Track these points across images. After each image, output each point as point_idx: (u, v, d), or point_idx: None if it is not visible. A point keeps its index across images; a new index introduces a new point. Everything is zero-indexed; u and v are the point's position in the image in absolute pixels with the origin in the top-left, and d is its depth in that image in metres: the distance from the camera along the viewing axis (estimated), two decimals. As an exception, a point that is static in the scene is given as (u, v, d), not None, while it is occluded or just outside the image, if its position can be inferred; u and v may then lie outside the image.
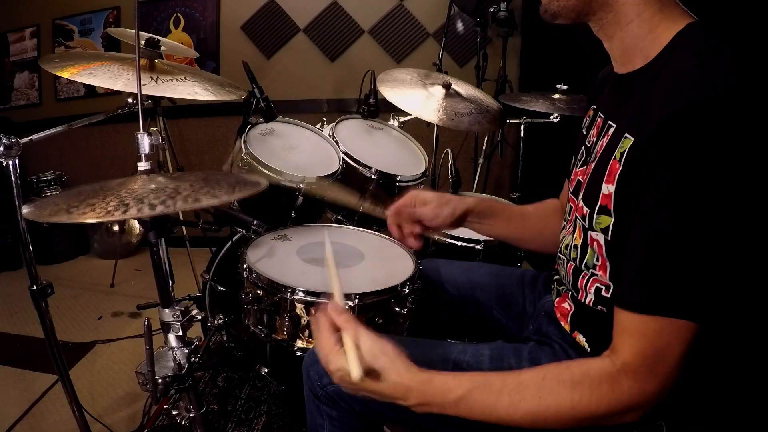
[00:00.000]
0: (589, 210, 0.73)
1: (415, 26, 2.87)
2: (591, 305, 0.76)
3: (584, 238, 0.75)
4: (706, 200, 0.56)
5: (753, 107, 0.57)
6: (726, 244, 0.57)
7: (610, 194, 0.68)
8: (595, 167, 0.74)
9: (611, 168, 0.68)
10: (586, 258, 0.75)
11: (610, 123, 0.74)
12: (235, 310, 1.54)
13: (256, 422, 1.57)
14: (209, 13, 2.96)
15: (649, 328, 0.59)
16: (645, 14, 0.67)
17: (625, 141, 0.66)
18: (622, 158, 0.66)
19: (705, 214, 0.56)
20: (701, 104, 0.56)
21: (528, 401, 0.63)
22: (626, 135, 0.67)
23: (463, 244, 1.52)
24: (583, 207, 0.74)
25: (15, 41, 3.19)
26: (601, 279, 0.73)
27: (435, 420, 0.81)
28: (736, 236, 0.58)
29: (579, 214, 0.76)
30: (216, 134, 3.14)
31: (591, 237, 0.73)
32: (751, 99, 0.57)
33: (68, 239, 3.09)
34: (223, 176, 0.82)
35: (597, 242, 0.72)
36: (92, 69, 1.15)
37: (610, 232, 0.69)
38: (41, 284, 1.12)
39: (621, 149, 0.67)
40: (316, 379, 0.87)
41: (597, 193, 0.70)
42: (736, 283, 0.65)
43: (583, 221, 0.74)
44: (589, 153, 0.81)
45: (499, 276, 1.10)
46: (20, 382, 1.82)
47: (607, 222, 0.69)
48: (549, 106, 1.79)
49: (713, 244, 0.57)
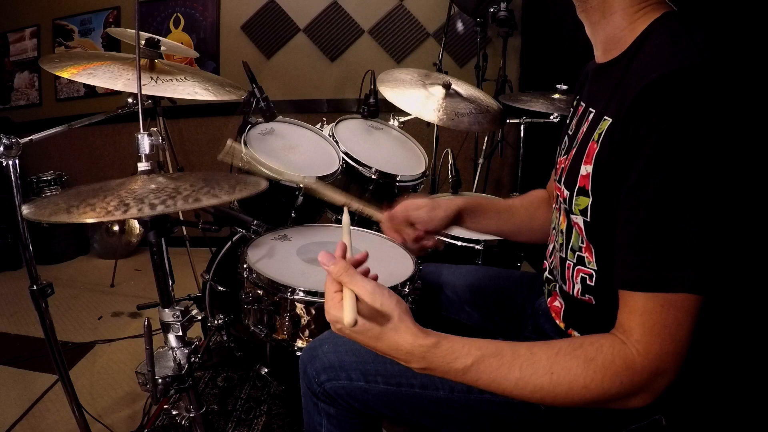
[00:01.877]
0: (569, 193, 0.73)
1: (415, 26, 2.87)
2: (579, 296, 0.76)
3: (568, 222, 0.76)
4: (692, 164, 0.56)
5: (727, 75, 0.57)
6: (718, 211, 0.57)
7: (588, 174, 0.68)
8: (576, 152, 0.75)
9: (589, 149, 0.69)
10: (572, 241, 0.76)
11: (590, 109, 0.75)
12: (235, 310, 1.54)
13: (256, 422, 1.57)
14: (209, 13, 2.96)
15: (657, 304, 0.58)
16: (629, 9, 0.68)
17: (603, 122, 0.67)
18: (600, 138, 0.66)
19: (692, 179, 0.56)
20: (677, 73, 0.56)
21: (539, 376, 0.61)
22: (604, 117, 0.67)
23: (463, 244, 1.52)
24: (564, 191, 0.75)
25: (15, 41, 3.19)
26: (587, 265, 0.73)
27: (434, 418, 0.82)
28: (725, 201, 0.57)
29: (561, 198, 0.77)
30: (216, 134, 3.14)
31: (573, 220, 0.74)
32: (725, 67, 0.57)
33: (68, 239, 3.09)
34: (223, 176, 0.82)
35: (578, 225, 0.72)
36: (92, 69, 1.15)
37: (588, 213, 0.69)
38: (41, 284, 1.12)
39: (599, 131, 0.67)
40: (313, 376, 0.86)
41: (576, 175, 0.71)
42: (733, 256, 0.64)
43: (565, 204, 0.75)
44: (571, 141, 0.82)
45: (498, 278, 1.10)
46: (20, 382, 1.82)
47: (585, 203, 0.69)
48: (549, 106, 1.80)
49: (705, 211, 0.56)
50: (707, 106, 0.56)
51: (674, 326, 0.58)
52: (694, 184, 0.56)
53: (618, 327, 0.62)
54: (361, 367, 0.83)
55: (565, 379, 0.60)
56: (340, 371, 0.84)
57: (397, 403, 0.82)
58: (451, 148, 1.98)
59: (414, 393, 0.80)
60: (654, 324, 0.58)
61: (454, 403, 0.78)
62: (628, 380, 0.59)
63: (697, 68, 0.57)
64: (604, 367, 0.59)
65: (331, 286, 0.64)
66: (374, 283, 0.62)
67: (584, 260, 0.73)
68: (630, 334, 0.60)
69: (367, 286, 0.61)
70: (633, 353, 0.59)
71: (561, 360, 0.61)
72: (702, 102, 0.56)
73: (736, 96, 0.58)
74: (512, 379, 0.61)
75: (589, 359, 0.60)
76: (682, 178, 0.56)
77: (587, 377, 0.60)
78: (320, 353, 0.88)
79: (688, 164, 0.56)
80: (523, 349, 0.63)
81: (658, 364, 0.58)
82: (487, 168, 2.74)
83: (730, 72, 0.58)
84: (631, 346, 0.59)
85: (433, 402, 0.80)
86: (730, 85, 0.57)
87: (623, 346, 0.60)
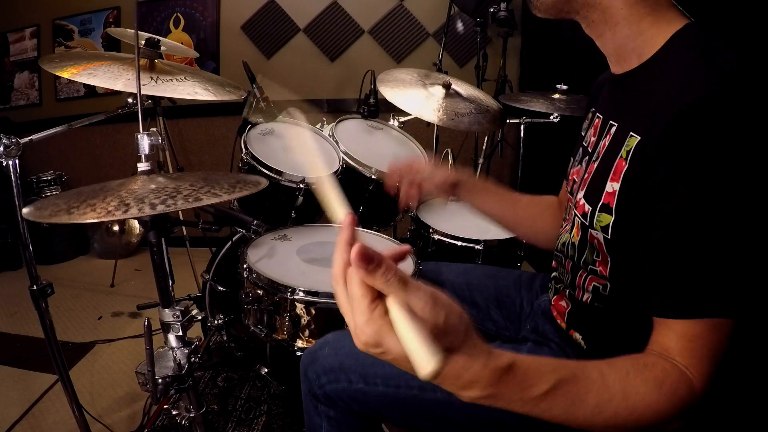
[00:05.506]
0: (591, 208, 0.72)
1: (415, 26, 2.87)
2: (588, 303, 0.76)
3: (582, 236, 0.76)
4: (738, 190, 0.56)
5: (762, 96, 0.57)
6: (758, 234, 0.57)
7: (614, 192, 0.67)
8: (598, 166, 0.74)
9: (617, 166, 0.68)
10: (585, 255, 0.75)
11: (611, 122, 0.75)
12: (235, 310, 1.54)
13: (256, 422, 1.57)
14: (209, 13, 2.96)
15: (704, 330, 0.58)
16: (632, 17, 0.67)
17: (630, 139, 0.66)
18: (629, 156, 0.66)
19: (737, 205, 0.56)
20: (719, 96, 0.56)
21: (615, 403, 0.54)
22: (631, 133, 0.67)
23: (463, 244, 1.52)
24: (584, 205, 0.74)
25: (15, 41, 3.19)
26: (600, 277, 0.73)
27: (434, 420, 0.82)
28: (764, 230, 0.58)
29: (579, 212, 0.76)
30: (216, 134, 3.14)
31: (591, 234, 0.73)
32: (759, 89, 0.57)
33: (68, 239, 3.09)
34: (222, 176, 0.82)
35: (597, 240, 0.72)
36: (92, 69, 1.15)
37: (610, 231, 0.68)
38: (41, 284, 1.12)
39: (627, 148, 0.67)
40: (314, 378, 0.86)
41: (600, 191, 0.70)
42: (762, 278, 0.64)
43: (584, 219, 0.75)
44: (586, 153, 0.81)
45: (496, 277, 1.10)
46: (20, 382, 1.82)
47: (607, 220, 0.69)
48: (549, 106, 1.79)
49: (747, 235, 0.57)
50: (744, 135, 0.56)
51: (718, 349, 0.58)
52: (735, 212, 0.56)
53: (665, 350, 0.60)
54: (361, 370, 0.83)
55: (640, 405, 0.55)
56: (340, 374, 0.84)
57: (396, 405, 0.82)
58: (451, 148, 1.98)
59: (413, 395, 0.80)
60: (702, 348, 0.58)
61: (453, 404, 0.78)
62: (688, 404, 0.58)
63: (735, 93, 0.56)
64: (671, 392, 0.57)
65: (365, 293, 0.44)
66: (431, 290, 0.46)
67: (597, 273, 0.73)
68: (682, 357, 0.59)
69: (425, 295, 0.45)
70: (691, 378, 0.58)
71: (633, 383, 0.56)
72: (743, 127, 0.56)
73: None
74: (589, 406, 0.54)
75: (659, 383, 0.57)
76: (729, 204, 0.56)
77: (660, 402, 0.56)
78: (321, 356, 0.88)
79: (734, 190, 0.56)
80: (595, 371, 0.56)
81: (698, 387, 0.58)
82: (487, 168, 2.73)
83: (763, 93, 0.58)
84: (686, 370, 0.58)
85: (433, 404, 0.79)
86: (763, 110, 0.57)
87: (684, 371, 0.58)
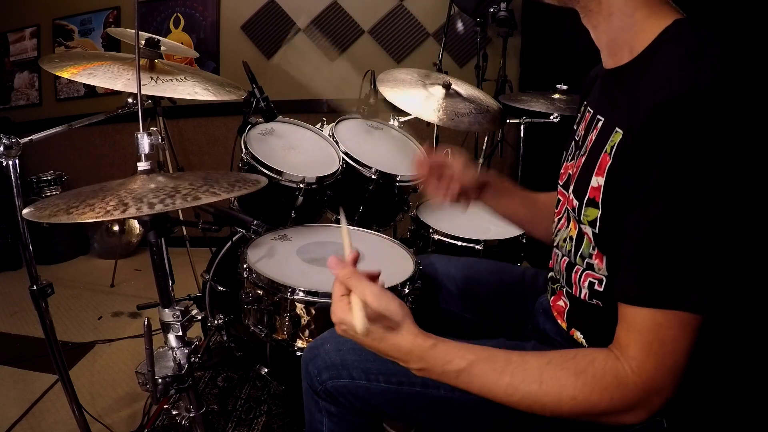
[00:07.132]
0: (578, 203, 0.73)
1: (415, 26, 2.87)
2: (586, 300, 0.75)
3: (579, 230, 0.76)
4: (701, 187, 0.55)
5: (745, 97, 0.57)
6: (723, 232, 0.56)
7: (599, 186, 0.68)
8: (585, 160, 0.74)
9: (602, 161, 0.68)
10: (582, 248, 0.75)
11: (599, 117, 0.75)
12: (235, 310, 1.54)
13: (256, 422, 1.57)
14: (209, 13, 2.96)
15: (654, 321, 0.58)
16: (627, 8, 0.67)
17: (615, 135, 0.66)
18: (612, 151, 0.66)
19: (700, 202, 0.56)
20: (693, 94, 0.56)
21: (529, 384, 0.62)
22: (616, 129, 0.67)
23: (463, 244, 1.52)
24: (573, 200, 0.75)
25: (15, 41, 3.19)
26: (596, 271, 0.73)
27: (435, 417, 0.82)
28: (732, 225, 0.57)
29: (570, 207, 0.77)
30: (216, 134, 3.14)
31: (582, 230, 0.73)
32: (743, 89, 0.57)
33: (68, 239, 3.09)
34: (222, 175, 0.82)
35: (587, 235, 0.72)
36: (92, 69, 1.15)
37: (597, 225, 0.69)
38: (41, 284, 1.12)
39: (611, 143, 0.67)
40: (315, 374, 0.86)
41: (586, 185, 0.71)
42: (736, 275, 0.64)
43: (574, 213, 0.75)
44: (578, 147, 0.81)
45: (500, 273, 1.10)
46: (20, 382, 1.82)
47: (594, 214, 0.69)
48: (549, 106, 1.80)
49: (710, 232, 0.56)
50: (719, 131, 0.55)
51: (672, 345, 0.57)
52: (701, 207, 0.56)
53: (615, 341, 0.62)
54: (363, 366, 0.83)
55: (554, 389, 0.61)
56: (342, 370, 0.84)
57: (398, 402, 0.82)
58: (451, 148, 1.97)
59: (415, 392, 0.80)
60: (651, 342, 0.58)
61: (454, 401, 0.78)
62: (618, 396, 0.59)
63: (712, 90, 0.55)
64: (593, 381, 0.60)
65: (338, 289, 0.67)
66: (379, 287, 0.65)
67: (594, 266, 0.73)
68: (625, 349, 0.60)
69: (373, 290, 0.64)
70: (626, 370, 0.59)
71: (551, 369, 0.62)
72: (714, 127, 0.55)
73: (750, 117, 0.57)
74: (503, 385, 0.63)
75: (579, 371, 0.61)
76: (690, 199, 0.56)
77: (576, 389, 0.60)
78: (322, 352, 0.88)
79: (697, 187, 0.56)
80: (516, 356, 0.65)
81: (652, 383, 0.58)
82: (487, 168, 2.73)
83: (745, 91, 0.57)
84: (625, 362, 0.59)
85: (434, 401, 0.80)
86: (744, 107, 0.56)
87: (617, 361, 0.60)
